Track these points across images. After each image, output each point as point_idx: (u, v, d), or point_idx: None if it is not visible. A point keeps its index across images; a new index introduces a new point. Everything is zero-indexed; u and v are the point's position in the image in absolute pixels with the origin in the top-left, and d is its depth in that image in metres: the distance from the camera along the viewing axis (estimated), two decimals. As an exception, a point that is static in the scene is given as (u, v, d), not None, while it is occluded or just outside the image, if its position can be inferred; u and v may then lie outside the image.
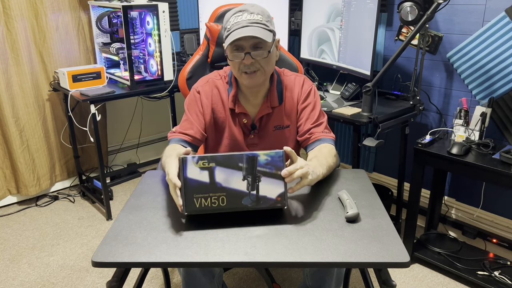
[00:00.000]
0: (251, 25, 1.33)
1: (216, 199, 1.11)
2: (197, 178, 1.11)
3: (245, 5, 1.38)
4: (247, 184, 1.11)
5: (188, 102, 1.52)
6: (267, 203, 1.12)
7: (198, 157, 1.11)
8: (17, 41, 2.57)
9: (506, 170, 1.77)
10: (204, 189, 1.11)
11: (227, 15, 1.40)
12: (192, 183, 1.10)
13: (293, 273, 2.15)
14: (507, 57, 2.07)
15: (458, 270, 2.05)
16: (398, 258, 0.99)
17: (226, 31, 1.38)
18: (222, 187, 1.11)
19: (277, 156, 1.12)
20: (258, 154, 1.12)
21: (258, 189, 1.11)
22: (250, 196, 1.11)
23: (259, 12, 1.36)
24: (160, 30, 2.47)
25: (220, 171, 1.11)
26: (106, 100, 2.58)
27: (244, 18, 1.34)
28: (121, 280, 1.15)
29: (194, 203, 1.10)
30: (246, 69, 1.37)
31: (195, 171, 1.11)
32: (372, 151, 2.83)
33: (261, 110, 1.49)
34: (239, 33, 1.32)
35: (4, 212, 2.76)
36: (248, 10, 1.36)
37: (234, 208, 1.12)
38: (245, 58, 1.35)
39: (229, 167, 1.11)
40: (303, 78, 1.54)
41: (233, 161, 1.11)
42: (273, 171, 1.12)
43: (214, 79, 1.52)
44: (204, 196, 1.10)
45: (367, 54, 2.20)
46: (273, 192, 1.12)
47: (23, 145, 2.71)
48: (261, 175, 1.12)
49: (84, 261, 2.26)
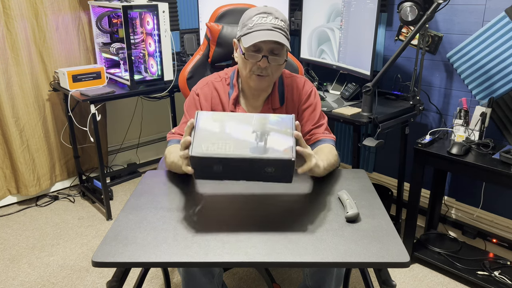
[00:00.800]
0: (275, 30, 1.33)
1: (223, 145, 1.10)
2: (208, 127, 1.13)
3: (269, 8, 1.38)
4: (255, 136, 1.12)
5: (187, 104, 1.52)
6: (274, 153, 1.09)
7: (212, 112, 1.17)
8: (17, 41, 2.57)
9: (506, 170, 1.77)
10: (213, 136, 1.11)
11: (250, 13, 1.39)
12: (202, 133, 1.12)
13: (293, 273, 2.15)
14: (507, 57, 2.07)
15: (458, 270, 2.05)
16: (398, 258, 0.99)
17: (247, 28, 1.36)
18: (231, 136, 1.12)
19: (287, 118, 1.16)
20: (270, 115, 1.16)
21: (266, 141, 1.11)
22: (257, 146, 1.10)
23: (283, 19, 1.37)
24: (160, 30, 2.47)
25: (232, 123, 1.14)
26: (106, 100, 2.58)
27: (269, 21, 1.34)
28: (121, 280, 1.15)
29: (201, 147, 1.09)
30: (259, 71, 1.38)
31: (208, 121, 1.14)
32: (372, 151, 2.83)
33: (262, 112, 1.49)
34: (264, 34, 1.32)
35: (4, 212, 2.76)
36: (273, 14, 1.36)
37: (240, 155, 1.08)
38: (262, 61, 1.35)
39: (241, 122, 1.15)
40: (304, 79, 1.54)
41: (245, 118, 1.15)
42: (282, 129, 1.14)
43: (213, 81, 1.52)
44: (211, 142, 1.10)
45: (367, 54, 2.20)
46: (281, 145, 1.10)
47: (23, 145, 2.71)
48: (270, 130, 1.13)
49: (84, 261, 2.26)
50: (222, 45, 1.86)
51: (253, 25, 1.35)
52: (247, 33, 1.35)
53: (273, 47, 1.34)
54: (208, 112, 1.17)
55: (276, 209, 1.20)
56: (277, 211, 1.19)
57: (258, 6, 1.41)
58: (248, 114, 1.17)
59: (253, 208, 1.21)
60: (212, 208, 1.22)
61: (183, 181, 1.36)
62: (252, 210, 1.20)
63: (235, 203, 1.24)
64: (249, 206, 1.22)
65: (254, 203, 1.24)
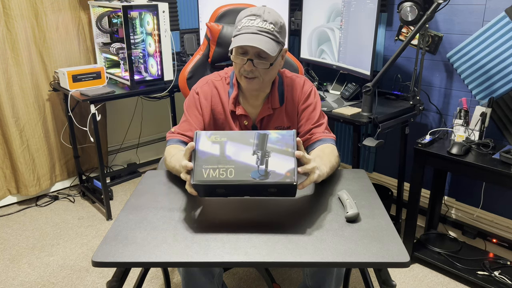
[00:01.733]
0: (260, 34, 1.32)
1: (224, 171, 1.09)
2: (208, 150, 1.12)
3: (260, 10, 1.35)
4: (256, 158, 1.11)
5: (187, 103, 1.52)
6: (276, 178, 1.08)
7: (212, 132, 1.15)
8: (17, 41, 2.57)
9: (506, 170, 1.77)
10: (213, 161, 1.11)
11: (242, 13, 1.38)
12: (202, 155, 1.12)
13: (293, 273, 2.15)
14: (507, 57, 2.07)
15: (458, 270, 2.05)
16: (398, 258, 0.99)
17: (236, 30, 1.37)
18: (231, 159, 1.11)
19: (288, 135, 1.14)
20: (270, 132, 1.14)
21: (267, 164, 1.10)
22: (258, 170, 1.10)
23: (272, 21, 1.34)
24: (160, 30, 2.47)
25: (231, 145, 1.13)
26: (106, 100, 2.58)
27: (256, 24, 1.33)
28: (121, 280, 1.15)
29: (202, 174, 1.09)
30: (246, 73, 1.38)
31: (207, 144, 1.13)
32: (372, 151, 2.83)
33: (262, 112, 1.49)
34: (246, 39, 1.31)
35: (4, 212, 2.76)
36: (262, 17, 1.34)
37: (241, 181, 1.09)
38: (247, 64, 1.35)
39: (240, 142, 1.13)
40: (304, 79, 1.54)
41: (244, 137, 1.13)
42: (283, 148, 1.12)
43: (213, 80, 1.52)
44: (212, 167, 1.10)
45: (367, 54, 2.20)
46: (282, 168, 1.10)
47: (23, 145, 2.71)
48: (271, 151, 1.12)
49: (84, 261, 2.26)
50: (222, 45, 1.86)
51: (241, 27, 1.35)
52: (235, 35, 1.36)
53: (259, 51, 1.33)
54: (207, 132, 1.15)
55: (276, 209, 1.20)
56: (277, 211, 1.19)
57: (253, 7, 1.39)
58: (248, 132, 1.15)
59: (253, 208, 1.21)
60: (212, 208, 1.22)
61: (183, 181, 1.36)
62: (252, 210, 1.20)
63: (235, 203, 1.24)
64: (249, 206, 1.22)
65: (254, 203, 1.23)
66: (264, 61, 1.35)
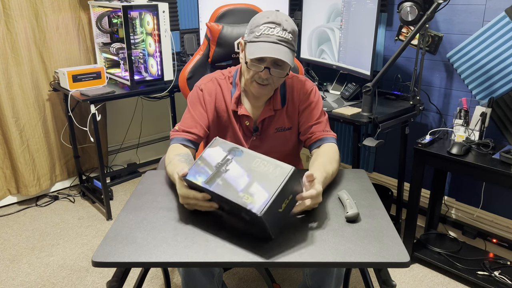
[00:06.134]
0: (280, 44, 1.31)
1: (214, 181, 1.09)
2: (210, 158, 1.15)
3: (279, 17, 1.34)
4: (244, 181, 1.06)
5: (190, 99, 1.51)
6: (248, 203, 1.00)
7: (228, 143, 1.15)
8: (17, 41, 2.57)
9: (506, 170, 1.77)
10: (209, 169, 1.12)
11: (259, 19, 1.35)
12: (203, 162, 1.14)
13: (293, 273, 2.15)
14: (507, 57, 2.07)
15: (458, 270, 2.05)
16: (398, 258, 0.99)
17: (253, 36, 1.34)
18: (225, 175, 1.09)
19: (286, 169, 1.04)
20: (272, 161, 1.07)
21: (250, 187, 1.04)
22: (240, 190, 1.04)
23: (290, 30, 1.34)
24: (160, 30, 2.47)
25: (233, 164, 1.10)
26: (106, 100, 2.58)
27: (276, 33, 1.32)
28: (121, 280, 1.15)
29: (195, 176, 1.10)
30: (260, 80, 1.37)
31: (217, 151, 1.15)
32: (372, 151, 2.83)
33: (264, 113, 1.49)
34: (267, 49, 1.30)
35: (4, 212, 2.76)
36: (282, 25, 1.32)
37: (222, 193, 1.05)
38: (263, 72, 1.35)
39: (242, 162, 1.09)
40: (304, 79, 1.54)
41: (248, 159, 1.09)
42: (271, 177, 1.05)
43: (218, 78, 1.52)
44: (206, 175, 1.11)
45: (367, 54, 2.20)
46: (260, 198, 1.01)
47: (23, 145, 2.71)
48: (259, 177, 1.06)
49: (84, 261, 2.26)
50: (222, 45, 1.86)
51: (260, 35, 1.33)
52: (252, 41, 1.34)
53: (276, 60, 1.33)
54: (225, 142, 1.15)
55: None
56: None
57: (269, 12, 1.37)
58: (256, 154, 1.10)
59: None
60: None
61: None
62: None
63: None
64: (249, 206, 1.22)
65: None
66: (280, 70, 1.36)
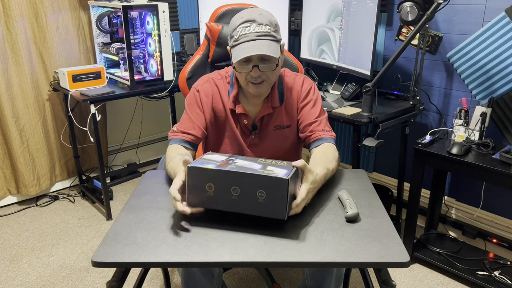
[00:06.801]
0: (259, 39, 1.31)
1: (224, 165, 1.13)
2: (214, 157, 1.20)
3: (252, 13, 1.33)
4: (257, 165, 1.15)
5: (188, 101, 1.52)
6: (269, 173, 1.08)
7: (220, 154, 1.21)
8: (17, 41, 2.57)
9: (506, 170, 1.77)
10: (217, 158, 1.17)
11: (234, 21, 1.36)
12: (207, 156, 1.18)
13: (293, 273, 2.15)
14: (507, 57, 2.07)
15: (458, 270, 2.05)
16: (398, 258, 0.99)
17: (233, 40, 1.35)
18: (235, 164, 1.15)
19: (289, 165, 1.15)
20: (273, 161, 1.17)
21: (265, 168, 1.12)
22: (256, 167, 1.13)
23: (267, 22, 1.33)
24: (160, 30, 2.47)
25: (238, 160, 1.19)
26: (106, 100, 2.58)
27: (252, 30, 1.32)
28: (121, 280, 1.15)
29: (200, 162, 1.13)
30: (253, 80, 1.37)
31: (216, 155, 1.20)
32: (372, 151, 2.83)
33: (262, 111, 1.49)
34: (247, 48, 1.30)
35: (4, 212, 2.76)
36: (256, 21, 1.32)
37: (236, 170, 1.10)
38: (253, 71, 1.35)
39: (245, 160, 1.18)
40: (303, 77, 1.54)
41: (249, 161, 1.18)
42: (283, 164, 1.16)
43: (214, 78, 1.52)
44: (214, 162, 1.14)
45: (367, 54, 2.20)
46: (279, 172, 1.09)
47: (23, 145, 2.71)
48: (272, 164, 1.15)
49: (84, 261, 2.26)
50: (222, 45, 1.86)
51: (238, 37, 1.33)
52: (234, 46, 1.35)
53: (262, 55, 1.33)
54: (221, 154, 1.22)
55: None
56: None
57: (242, 12, 1.37)
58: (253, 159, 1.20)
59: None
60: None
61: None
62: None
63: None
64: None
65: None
66: (269, 64, 1.35)
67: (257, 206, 1.08)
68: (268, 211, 1.07)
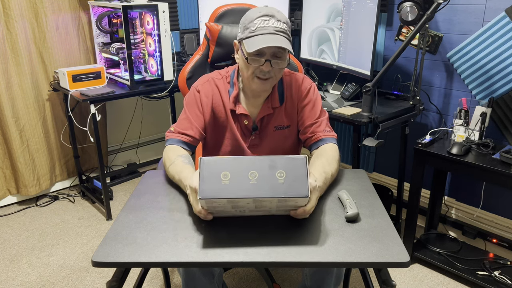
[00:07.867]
0: (277, 34, 1.32)
1: None
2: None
3: (270, 9, 1.36)
4: None
5: (187, 101, 1.51)
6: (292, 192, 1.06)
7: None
8: (17, 41, 2.57)
9: (506, 170, 1.77)
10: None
11: (251, 14, 1.36)
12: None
13: (293, 273, 2.15)
14: (507, 57, 2.07)
15: (458, 270, 2.05)
16: (398, 258, 0.99)
17: (249, 31, 1.35)
18: None
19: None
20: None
21: None
22: None
23: (285, 20, 1.35)
24: (160, 30, 2.47)
25: None
26: (106, 100, 2.58)
27: (271, 24, 1.33)
28: (121, 280, 1.15)
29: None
30: (261, 75, 1.37)
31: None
32: (372, 151, 2.83)
33: (262, 111, 1.49)
34: (267, 39, 1.30)
35: (4, 212, 2.76)
36: (275, 17, 1.34)
37: None
38: (265, 65, 1.35)
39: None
40: (303, 76, 1.54)
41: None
42: None
43: (215, 78, 1.51)
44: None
45: (367, 54, 2.20)
46: None
47: (23, 145, 2.71)
48: None
49: (84, 261, 2.26)
50: (221, 45, 1.86)
51: (256, 29, 1.33)
52: (249, 37, 1.34)
53: (275, 51, 1.34)
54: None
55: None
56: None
57: (259, 7, 1.39)
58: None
59: (253, 208, 1.20)
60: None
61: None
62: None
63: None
64: (249, 206, 1.22)
65: (254, 203, 1.23)
66: (281, 61, 1.36)
67: (278, 188, 1.05)
68: (291, 191, 1.05)
